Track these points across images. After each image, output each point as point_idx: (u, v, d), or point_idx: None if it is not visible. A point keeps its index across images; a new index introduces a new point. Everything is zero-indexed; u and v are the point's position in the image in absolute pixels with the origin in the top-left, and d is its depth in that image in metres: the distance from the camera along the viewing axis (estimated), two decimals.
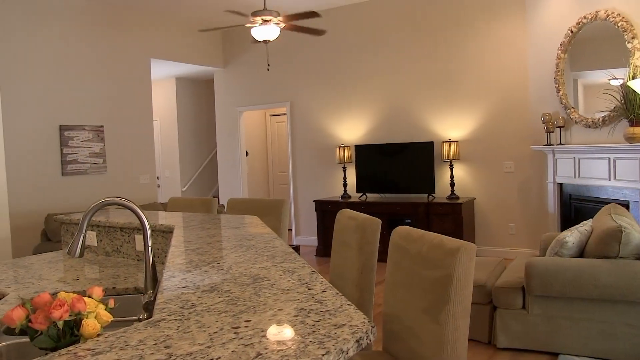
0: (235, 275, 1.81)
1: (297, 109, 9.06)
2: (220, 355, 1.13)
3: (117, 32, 7.71)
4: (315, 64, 8.77)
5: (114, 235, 3.19)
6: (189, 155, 10.94)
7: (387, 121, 8.11)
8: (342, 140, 8.55)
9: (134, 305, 2.35)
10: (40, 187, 6.71)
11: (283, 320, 1.35)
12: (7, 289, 2.50)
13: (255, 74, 9.50)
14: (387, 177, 7.88)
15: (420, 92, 7.78)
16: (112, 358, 1.14)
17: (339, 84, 8.54)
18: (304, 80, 8.93)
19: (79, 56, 7.20)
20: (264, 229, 2.78)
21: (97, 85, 7.43)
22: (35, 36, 6.71)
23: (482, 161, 7.39)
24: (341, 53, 8.48)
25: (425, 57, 7.69)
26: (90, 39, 7.35)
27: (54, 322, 1.43)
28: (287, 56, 9.06)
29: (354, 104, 8.41)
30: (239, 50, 9.66)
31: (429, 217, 7.17)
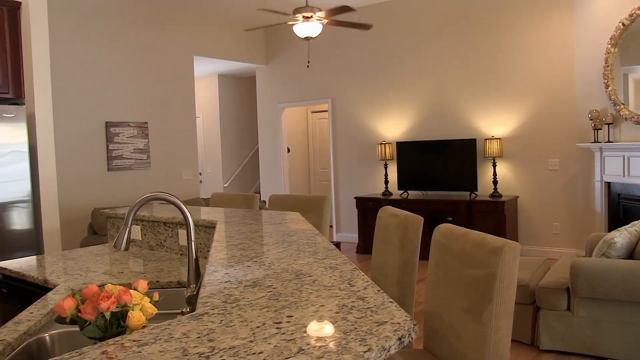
0: (277, 271, 1.82)
1: (338, 106, 9.06)
2: (262, 350, 1.14)
3: (161, 30, 7.84)
4: (357, 60, 8.75)
5: (158, 229, 3.25)
6: (231, 151, 11.05)
7: (429, 118, 8.03)
8: (383, 137, 8.51)
9: (176, 298, 2.39)
10: (87, 182, 6.88)
11: (325, 317, 1.35)
12: (58, 279, 2.58)
13: (297, 71, 9.53)
14: (429, 175, 7.81)
15: (463, 88, 7.68)
16: (156, 350, 1.16)
17: (380, 80, 8.50)
18: (346, 77, 8.91)
19: (124, 54, 7.34)
20: (306, 225, 2.78)
21: (142, 82, 7.57)
22: (84, 37, 6.87)
23: (526, 159, 7.25)
24: (383, 49, 8.43)
25: (469, 52, 7.59)
26: (136, 38, 7.49)
27: (102, 313, 1.46)
28: (329, 53, 9.06)
29: (396, 101, 8.35)
30: (281, 47, 9.71)
31: (471, 215, 7.08)
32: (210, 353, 1.13)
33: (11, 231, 4.27)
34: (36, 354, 1.85)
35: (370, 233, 7.85)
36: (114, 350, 1.17)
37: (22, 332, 1.81)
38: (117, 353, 1.16)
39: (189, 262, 1.97)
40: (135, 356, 1.13)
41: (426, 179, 7.85)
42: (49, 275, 2.70)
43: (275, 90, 9.87)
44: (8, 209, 4.25)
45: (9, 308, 2.91)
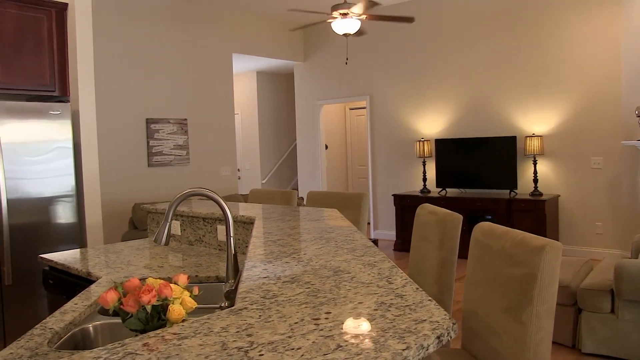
0: (315, 267, 1.83)
1: (376, 103, 9.02)
2: (300, 346, 1.15)
3: (201, 28, 7.93)
4: (395, 56, 8.70)
5: (197, 225, 3.29)
6: (269, 148, 11.12)
7: (469, 115, 7.93)
8: (422, 134, 8.44)
9: (215, 293, 2.42)
10: (128, 178, 7.01)
11: (363, 314, 1.35)
12: (100, 272, 2.64)
13: (335, 68, 9.52)
14: (468, 172, 7.72)
15: (503, 84, 7.56)
16: (196, 343, 1.18)
17: (419, 76, 8.44)
18: (384, 74, 8.87)
19: (165, 52, 7.45)
20: (344, 222, 2.78)
21: (182, 79, 7.67)
22: (126, 35, 7.00)
23: (568, 157, 7.10)
24: (422, 45, 8.36)
25: (510, 48, 7.46)
26: (176, 36, 7.60)
27: (143, 306, 1.49)
28: (368, 49, 9.02)
29: (435, 97, 8.28)
30: (319, 44, 9.72)
31: (511, 214, 6.97)
32: (249, 348, 1.14)
33: (56, 224, 4.39)
34: (81, 343, 1.90)
35: (407, 231, 7.81)
36: (154, 343, 1.19)
37: (68, 322, 1.86)
38: (158, 345, 1.18)
39: (227, 258, 1.99)
40: (176, 349, 1.15)
41: (465, 177, 7.76)
42: (92, 268, 2.76)
43: (314, 87, 9.88)
44: (54, 203, 4.37)
45: (55, 298, 2.99)
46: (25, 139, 4.21)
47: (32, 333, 1.74)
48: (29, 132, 4.23)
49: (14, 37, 4.31)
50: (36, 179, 4.28)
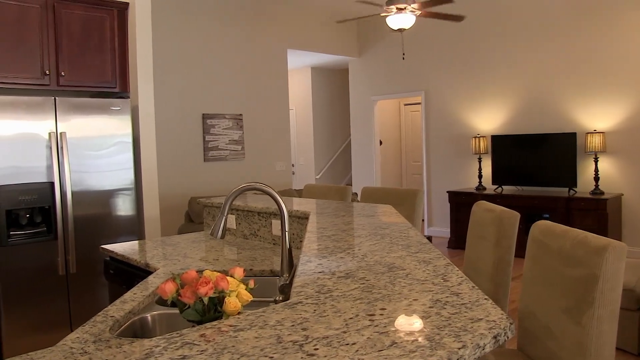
0: (370, 263, 1.82)
1: (432, 98, 8.92)
2: (355, 341, 1.15)
3: (256, 24, 8.00)
4: (451, 51, 8.57)
5: (252, 219, 3.33)
6: (323, 143, 11.15)
7: (526, 111, 7.74)
8: (478, 131, 8.30)
9: (269, 287, 2.44)
10: (184, 172, 7.16)
11: (418, 311, 1.34)
12: (158, 264, 2.71)
13: (390, 63, 9.46)
14: (525, 169, 7.54)
15: (562, 80, 7.34)
16: (252, 335, 1.20)
17: (475, 72, 8.29)
18: (440, 69, 8.75)
19: (221, 48, 7.56)
20: (399, 218, 2.77)
21: (238, 75, 7.77)
22: (184, 32, 7.13)
23: (633, 154, 6.83)
24: (478, 40, 8.20)
25: (569, 42, 7.23)
26: (232, 32, 7.69)
27: (200, 298, 1.52)
28: (423, 44, 8.92)
29: (491, 93, 8.12)
30: (374, 39, 9.67)
31: (570, 213, 6.78)
32: (304, 341, 1.15)
33: (117, 217, 4.52)
34: (139, 332, 1.95)
35: (462, 228, 7.70)
36: (211, 334, 1.22)
37: (128, 311, 1.91)
38: (215, 336, 1.20)
39: (282, 252, 2.01)
40: (232, 341, 1.17)
41: (522, 174, 7.58)
42: (150, 259, 2.84)
43: (368, 83, 9.84)
44: (114, 195, 4.51)
45: (115, 287, 3.08)
46: (88, 134, 4.36)
47: (95, 320, 1.81)
48: (91, 127, 4.37)
49: (80, 36, 4.46)
50: (98, 172, 4.42)
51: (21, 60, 4.20)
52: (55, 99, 4.20)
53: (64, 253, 4.24)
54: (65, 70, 4.39)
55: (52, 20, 4.32)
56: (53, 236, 4.21)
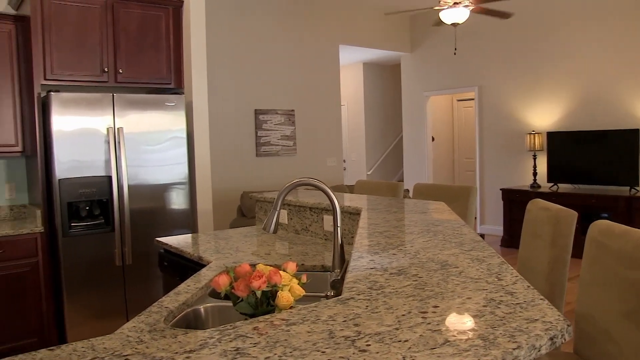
0: (422, 260, 1.81)
1: (485, 94, 8.76)
2: (407, 338, 1.14)
3: (308, 20, 8.03)
4: (505, 46, 8.39)
5: (304, 214, 3.35)
6: (374, 139, 11.10)
7: (584, 106, 7.51)
8: (533, 127, 8.10)
9: (320, 282, 2.45)
10: (237, 167, 7.25)
11: (472, 309, 1.32)
12: (210, 257, 2.75)
13: (442, 58, 9.34)
14: (582, 167, 7.33)
15: (622, 73, 7.08)
16: (304, 330, 1.20)
17: (530, 66, 8.09)
18: (494, 64, 8.58)
19: (273, 44, 7.61)
20: (451, 215, 2.73)
21: (290, 71, 7.81)
22: (236, 28, 7.22)
23: None
24: (534, 33, 8.00)
25: (630, 33, 6.97)
26: (284, 28, 7.74)
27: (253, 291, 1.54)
28: (476, 39, 8.77)
29: (547, 88, 7.91)
30: (426, 34, 9.56)
31: (631, 213, 6.55)
32: (356, 337, 1.15)
33: (171, 210, 4.62)
34: (193, 323, 1.99)
35: (516, 226, 7.55)
36: (264, 327, 1.23)
37: (181, 302, 1.95)
38: (267, 330, 1.21)
39: (334, 247, 2.01)
40: (284, 334, 1.18)
41: (579, 172, 7.37)
42: (203, 252, 2.89)
43: (421, 78, 9.75)
44: (169, 189, 4.60)
45: (169, 279, 3.15)
46: (144, 129, 4.47)
47: (151, 310, 1.85)
48: (147, 122, 4.48)
49: (136, 35, 4.57)
50: (153, 166, 4.52)
51: (82, 59, 4.34)
52: (113, 95, 4.32)
53: (120, 245, 4.36)
54: (122, 68, 4.51)
55: (111, 20, 4.45)
56: (110, 228, 4.33)
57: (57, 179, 4.11)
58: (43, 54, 4.19)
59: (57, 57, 4.24)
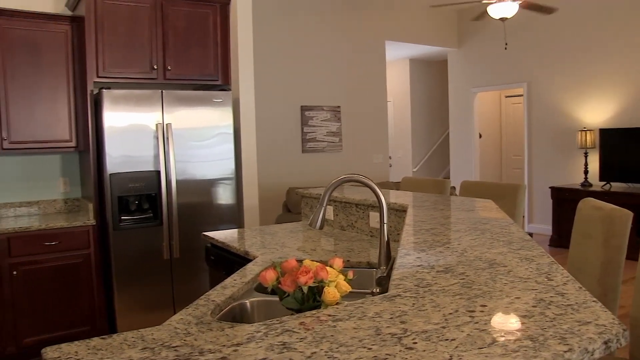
0: (469, 259, 1.78)
1: (534, 90, 8.57)
2: (455, 337, 1.13)
3: (354, 16, 8.00)
4: (556, 40, 8.18)
5: (349, 210, 3.35)
6: (421, 136, 11.01)
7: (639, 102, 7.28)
8: (584, 124, 7.89)
9: (365, 278, 2.45)
10: (283, 163, 7.29)
11: (521, 309, 1.29)
12: (256, 252, 2.78)
13: (491, 54, 9.18)
14: (637, 165, 7.09)
15: None
16: (350, 326, 1.20)
17: (582, 61, 7.87)
18: (544, 59, 8.38)
19: (319, 41, 7.62)
20: (499, 213, 2.69)
21: (336, 67, 7.80)
22: (283, 25, 7.25)
23: None
24: (585, 27, 7.78)
25: None
26: (330, 24, 7.73)
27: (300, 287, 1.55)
28: (526, 34, 8.58)
29: (600, 84, 7.68)
30: (474, 30, 9.41)
31: None
32: (402, 334, 1.14)
33: (218, 205, 4.69)
34: (239, 317, 2.02)
35: (565, 225, 7.36)
36: (310, 322, 1.23)
37: (228, 296, 1.98)
38: (314, 325, 1.21)
39: (380, 244, 2.00)
40: (330, 330, 1.18)
41: (634, 170, 7.13)
42: (249, 247, 2.92)
43: (468, 74, 9.61)
44: (216, 185, 4.67)
45: (215, 273, 3.20)
46: (192, 125, 4.54)
47: (198, 303, 1.88)
48: (194, 118, 4.55)
49: (185, 32, 4.64)
50: (200, 162, 4.59)
51: (133, 57, 4.44)
52: (162, 91, 4.40)
53: (168, 238, 4.45)
54: (171, 65, 4.59)
55: (160, 18, 4.53)
56: (159, 222, 4.42)
57: (108, 173, 4.22)
58: (96, 52, 4.30)
59: (109, 55, 4.35)
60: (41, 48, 4.39)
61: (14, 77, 4.30)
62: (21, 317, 4.06)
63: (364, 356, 1.04)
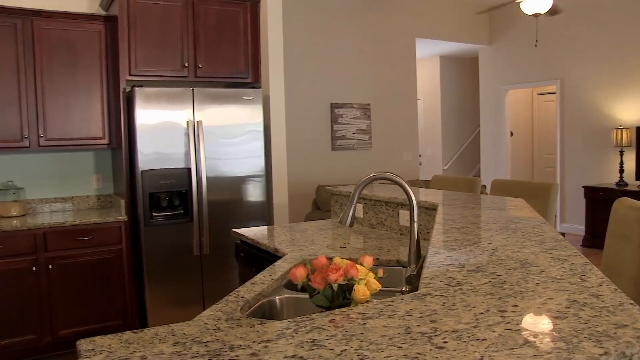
0: (501, 258, 1.76)
1: (568, 87, 8.42)
2: (486, 337, 1.11)
3: (384, 13, 7.96)
4: (590, 36, 8.03)
5: (379, 208, 3.34)
6: (451, 134, 10.91)
7: None
8: (619, 122, 7.73)
9: (394, 276, 2.44)
10: (312, 161, 7.30)
11: (553, 310, 1.27)
12: (286, 249, 2.79)
13: (523, 51, 9.05)
14: None
15: None
16: (380, 324, 1.20)
17: (617, 57, 7.70)
18: (577, 56, 8.24)
19: (349, 38, 7.61)
20: (531, 212, 2.65)
21: (366, 65, 7.78)
22: (312, 22, 7.25)
23: None
24: (620, 22, 7.61)
25: None
26: (360, 22, 7.71)
27: (330, 284, 1.55)
28: (559, 30, 8.44)
29: (636, 80, 7.51)
30: (506, 26, 9.28)
31: None
32: (432, 334, 1.13)
33: (247, 202, 4.71)
34: (268, 313, 2.03)
35: (599, 226, 7.24)
36: (340, 320, 1.23)
37: (257, 293, 1.99)
38: (344, 323, 1.21)
39: (410, 242, 1.99)
40: (360, 328, 1.18)
41: None
42: (279, 244, 2.93)
43: (499, 71, 9.49)
44: (246, 182, 4.70)
45: (244, 270, 3.22)
46: (222, 123, 4.57)
47: (228, 299, 1.90)
48: (225, 116, 4.58)
49: (215, 30, 4.68)
50: (231, 159, 4.62)
51: (164, 55, 4.49)
52: (193, 89, 4.45)
53: (198, 235, 4.49)
54: (202, 63, 4.63)
55: (192, 16, 4.57)
56: (189, 219, 4.47)
57: (140, 170, 4.27)
58: (128, 51, 4.36)
59: (141, 54, 4.40)
60: (76, 47, 4.47)
61: (50, 76, 4.39)
62: (57, 310, 4.16)
63: (394, 355, 1.03)
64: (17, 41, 4.28)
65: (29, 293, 4.08)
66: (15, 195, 4.56)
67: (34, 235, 4.09)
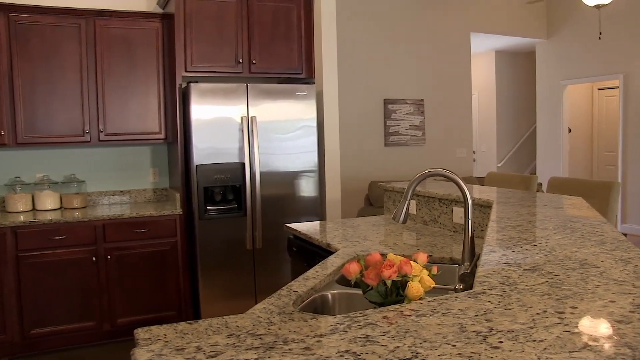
0: (558, 258, 1.71)
1: (632, 82, 8.12)
2: (543, 338, 1.09)
3: (438, 8, 7.85)
4: None
5: (432, 205, 3.30)
6: (506, 130, 10.69)
7: None
8: None
9: (447, 274, 2.41)
10: (365, 156, 7.28)
11: (616, 314, 1.23)
12: (338, 244, 2.79)
13: (583, 44, 8.77)
14: None
15: None
16: (434, 322, 1.18)
17: None
18: None
19: (403, 33, 7.54)
20: (590, 212, 2.57)
21: (419, 60, 7.70)
22: (366, 18, 7.22)
23: None
24: None
25: None
26: (414, 17, 7.63)
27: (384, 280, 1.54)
28: (623, 22, 8.13)
29: None
30: (565, 19, 9.02)
31: None
32: (487, 333, 1.12)
33: (300, 197, 4.74)
34: (320, 308, 2.03)
35: None
36: (393, 317, 1.22)
37: (310, 288, 2.00)
38: (397, 319, 1.20)
39: (464, 240, 1.96)
40: (414, 325, 1.17)
41: None
42: (331, 240, 2.93)
43: (557, 66, 9.23)
44: (299, 177, 4.72)
45: (296, 264, 3.24)
46: (276, 118, 4.61)
47: (280, 293, 1.91)
48: (279, 111, 4.62)
49: (269, 26, 4.72)
50: (284, 154, 4.66)
51: (219, 51, 4.56)
52: (247, 85, 4.50)
53: (251, 229, 4.55)
54: (256, 59, 4.67)
55: (246, 13, 4.62)
56: (242, 213, 4.53)
57: (195, 164, 4.36)
58: (184, 47, 4.45)
59: (196, 50, 4.48)
60: (134, 45, 4.59)
61: (110, 73, 4.52)
62: (115, 299, 4.29)
63: (448, 353, 1.02)
64: (81, 40, 4.43)
65: (89, 282, 4.22)
66: (77, 188, 4.74)
67: (94, 226, 4.23)
